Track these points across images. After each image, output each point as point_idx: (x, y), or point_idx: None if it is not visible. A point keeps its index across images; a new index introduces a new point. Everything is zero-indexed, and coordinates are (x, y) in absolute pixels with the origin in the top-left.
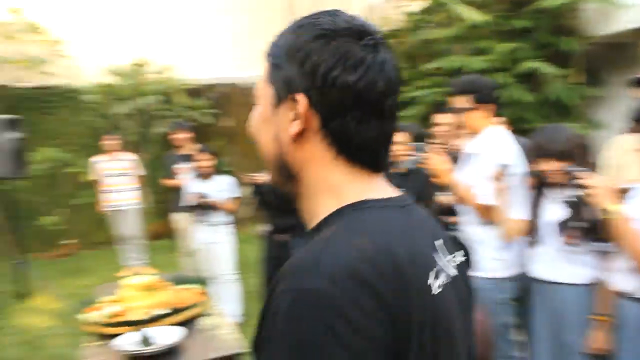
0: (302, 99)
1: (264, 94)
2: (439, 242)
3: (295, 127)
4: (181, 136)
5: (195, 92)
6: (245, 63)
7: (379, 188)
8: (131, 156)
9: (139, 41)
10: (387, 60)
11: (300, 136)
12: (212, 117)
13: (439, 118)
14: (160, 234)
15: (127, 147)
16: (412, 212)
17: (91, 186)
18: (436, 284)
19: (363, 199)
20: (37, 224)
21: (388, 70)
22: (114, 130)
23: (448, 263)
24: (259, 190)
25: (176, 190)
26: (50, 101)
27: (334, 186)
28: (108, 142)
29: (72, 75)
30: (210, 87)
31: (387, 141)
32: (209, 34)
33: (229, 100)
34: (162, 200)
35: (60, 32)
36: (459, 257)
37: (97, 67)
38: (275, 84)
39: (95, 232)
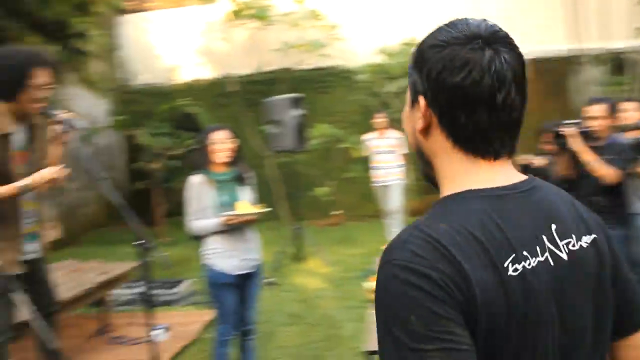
0: (422, 100)
1: (407, 95)
2: (554, 226)
3: (420, 123)
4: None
5: None
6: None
7: (490, 177)
8: (398, 134)
9: (409, 21)
10: (494, 58)
11: (426, 131)
12: None
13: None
14: (421, 211)
15: (395, 125)
16: (517, 199)
17: (360, 161)
18: (515, 267)
19: (465, 189)
20: (312, 194)
21: (497, 67)
22: (383, 108)
23: (556, 247)
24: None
25: None
26: (326, 81)
27: (450, 175)
28: (378, 120)
29: (346, 56)
30: None
31: (505, 130)
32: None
33: None
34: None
35: (336, 17)
36: (585, 240)
37: (369, 48)
38: (409, 88)
39: (362, 205)
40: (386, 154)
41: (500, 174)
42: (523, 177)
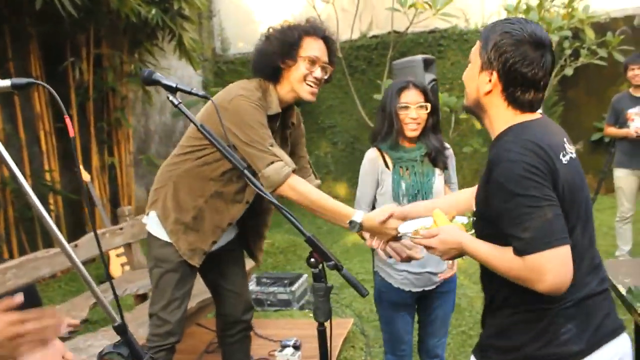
0: (495, 75)
1: (475, 59)
2: (565, 138)
3: (488, 87)
4: (638, 72)
5: (606, 26)
6: None
7: (530, 117)
8: None
9: None
10: (548, 59)
11: (489, 92)
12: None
13: None
14: None
15: None
16: (549, 123)
17: (481, 133)
18: (564, 159)
19: (521, 121)
20: None
21: (547, 66)
22: None
23: (570, 151)
24: None
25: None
26: (441, 45)
27: (504, 119)
28: None
29: (462, 17)
30: (625, 19)
31: (540, 100)
32: None
33: None
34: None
35: None
36: (571, 152)
37: (486, 8)
38: (483, 58)
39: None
40: None
41: (533, 115)
42: (540, 114)
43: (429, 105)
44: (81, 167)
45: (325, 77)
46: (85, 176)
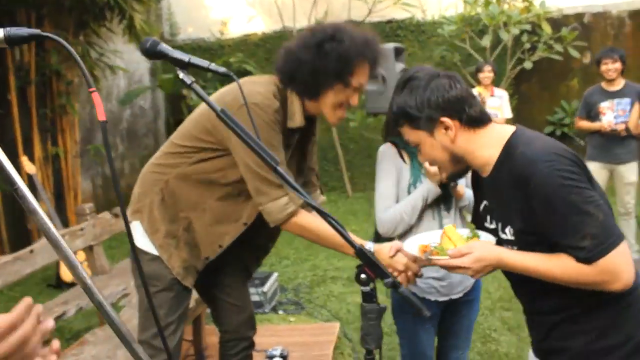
0: (446, 120)
1: (417, 137)
2: None
3: (451, 134)
4: (611, 67)
5: (559, 22)
6: None
7: (503, 130)
8: (504, 92)
9: None
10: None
11: (454, 139)
12: (577, 51)
13: None
14: None
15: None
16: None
17: None
18: None
19: (508, 135)
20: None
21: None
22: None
23: None
24: None
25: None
26: (398, 36)
27: (482, 143)
28: (484, 74)
29: (419, 7)
30: (576, 16)
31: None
32: None
33: (597, 30)
34: None
35: None
36: None
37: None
38: (422, 126)
39: None
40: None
41: (504, 127)
42: None
43: None
44: (25, 158)
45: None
46: (30, 168)
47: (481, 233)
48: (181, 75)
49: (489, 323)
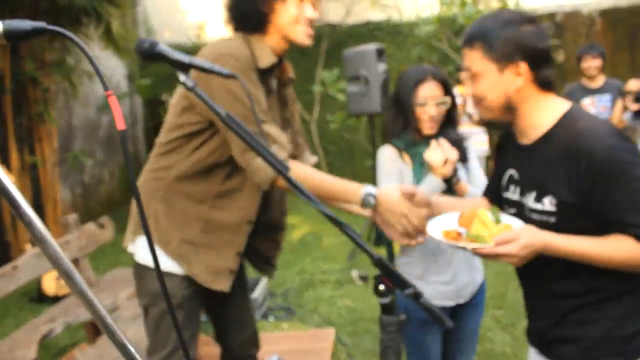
0: (522, 65)
1: (484, 67)
2: None
3: (519, 81)
4: (592, 64)
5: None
6: None
7: (562, 101)
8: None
9: None
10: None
11: (519, 87)
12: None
13: None
14: None
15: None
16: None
17: None
18: None
19: (568, 107)
20: (365, 166)
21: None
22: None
23: None
24: None
25: None
26: (374, 37)
27: (544, 106)
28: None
29: (395, 9)
30: (549, 16)
31: None
32: None
33: (569, 29)
34: None
35: None
36: None
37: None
38: (496, 59)
39: None
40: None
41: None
42: None
43: (448, 99)
44: (2, 167)
45: (317, 15)
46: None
47: (508, 217)
48: (182, 78)
49: (482, 322)
